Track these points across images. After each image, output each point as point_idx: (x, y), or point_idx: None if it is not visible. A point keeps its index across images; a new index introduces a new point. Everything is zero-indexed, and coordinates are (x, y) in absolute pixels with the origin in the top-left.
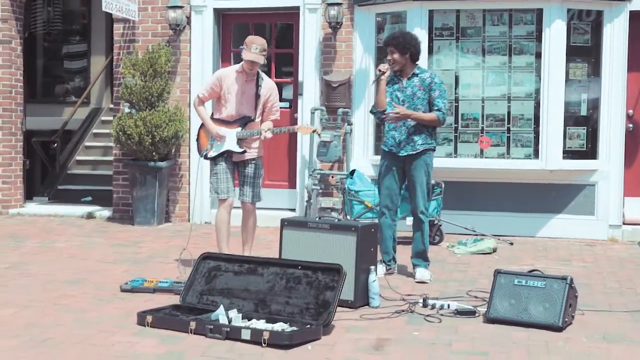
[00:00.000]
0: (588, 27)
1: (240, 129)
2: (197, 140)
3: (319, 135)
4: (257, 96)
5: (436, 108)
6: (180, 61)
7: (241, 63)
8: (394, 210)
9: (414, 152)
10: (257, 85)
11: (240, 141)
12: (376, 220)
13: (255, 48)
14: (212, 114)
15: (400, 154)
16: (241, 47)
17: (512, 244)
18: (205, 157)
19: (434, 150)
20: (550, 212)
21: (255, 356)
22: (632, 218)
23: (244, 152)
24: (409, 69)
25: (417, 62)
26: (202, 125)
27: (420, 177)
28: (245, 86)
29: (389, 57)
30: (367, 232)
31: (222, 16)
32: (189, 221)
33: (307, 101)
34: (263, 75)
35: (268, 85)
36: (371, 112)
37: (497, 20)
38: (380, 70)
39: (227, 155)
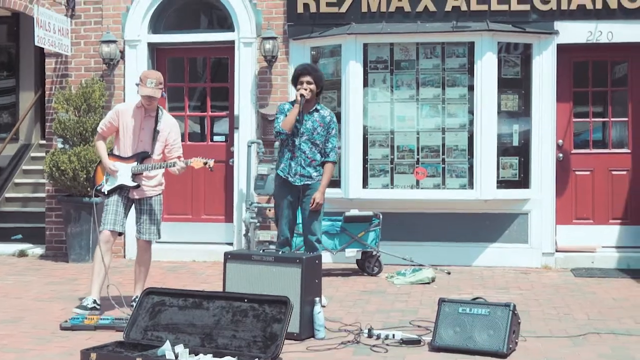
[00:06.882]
0: (518, 59)
1: (136, 163)
2: (93, 176)
3: (210, 169)
4: (156, 132)
5: (331, 146)
6: (115, 96)
7: (140, 99)
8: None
9: (310, 183)
10: (157, 121)
11: (135, 176)
12: (320, 252)
13: (150, 82)
14: (113, 149)
15: (296, 184)
16: (136, 83)
17: (449, 273)
18: (98, 191)
19: None
20: (485, 241)
21: None
22: (564, 245)
23: (138, 186)
24: (312, 103)
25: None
26: (100, 162)
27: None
28: (145, 122)
29: (305, 87)
30: (312, 264)
31: (157, 50)
32: (124, 257)
33: (243, 135)
34: (164, 111)
35: (168, 122)
36: (278, 131)
37: (430, 54)
38: (302, 95)
39: (121, 190)
